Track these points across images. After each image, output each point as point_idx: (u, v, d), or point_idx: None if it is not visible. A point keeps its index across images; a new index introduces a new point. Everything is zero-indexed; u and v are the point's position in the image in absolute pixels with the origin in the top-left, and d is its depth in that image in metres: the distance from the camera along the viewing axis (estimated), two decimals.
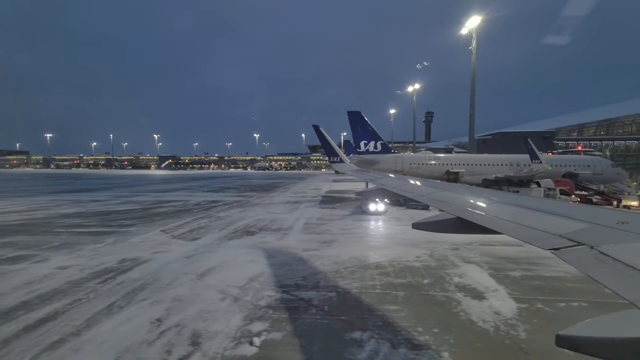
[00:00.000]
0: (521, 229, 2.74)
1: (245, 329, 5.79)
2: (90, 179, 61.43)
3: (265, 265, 9.59)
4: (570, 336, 1.36)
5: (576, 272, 9.21)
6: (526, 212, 3.15)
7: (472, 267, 9.73)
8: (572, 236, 2.31)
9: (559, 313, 6.71)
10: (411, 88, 72.04)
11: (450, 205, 3.93)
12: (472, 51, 39.06)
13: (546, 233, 2.50)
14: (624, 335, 1.28)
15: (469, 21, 37.43)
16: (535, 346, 5.46)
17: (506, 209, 3.39)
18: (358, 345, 5.35)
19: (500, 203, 3.65)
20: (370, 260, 10.20)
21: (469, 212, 3.52)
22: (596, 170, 31.20)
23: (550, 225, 2.62)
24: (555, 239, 2.36)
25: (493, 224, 3.01)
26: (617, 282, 1.64)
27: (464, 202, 3.96)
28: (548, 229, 2.55)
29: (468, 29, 37.94)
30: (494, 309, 6.85)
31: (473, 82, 40.15)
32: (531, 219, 2.87)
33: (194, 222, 16.63)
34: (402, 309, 6.75)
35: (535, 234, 2.54)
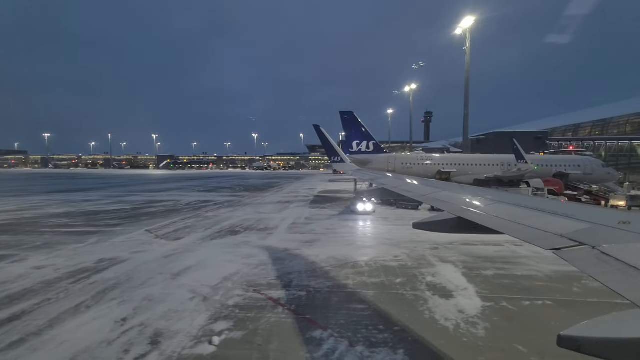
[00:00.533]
0: (522, 228, 2.75)
1: (208, 328, 5.83)
2: (86, 178, 61.28)
3: (242, 264, 9.62)
4: (571, 336, 1.35)
5: (548, 272, 9.31)
6: (527, 212, 3.15)
7: (447, 266, 9.79)
8: (573, 236, 2.31)
9: (521, 311, 6.77)
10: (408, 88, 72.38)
11: (450, 205, 3.92)
12: (466, 51, 39.33)
13: (547, 233, 2.50)
14: (626, 335, 1.27)
15: (462, 21, 37.61)
16: (491, 343, 5.52)
17: (507, 209, 3.38)
18: (316, 344, 5.39)
19: (501, 203, 3.63)
20: (348, 260, 10.25)
21: (470, 212, 3.51)
22: (586, 170, 31.34)
23: (551, 225, 2.63)
24: (557, 239, 2.35)
25: (494, 224, 3.01)
26: (619, 283, 1.64)
27: (464, 202, 3.95)
28: (549, 229, 2.56)
29: (462, 29, 38.13)
30: (459, 307, 6.90)
31: (467, 82, 40.26)
32: (532, 219, 2.87)
33: (181, 222, 16.65)
34: (369, 308, 6.80)
35: (536, 234, 2.54)
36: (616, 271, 1.73)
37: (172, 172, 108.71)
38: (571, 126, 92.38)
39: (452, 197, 4.30)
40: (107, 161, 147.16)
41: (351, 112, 32.71)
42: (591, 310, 6.87)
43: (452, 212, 3.60)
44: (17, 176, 69.50)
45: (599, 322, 1.43)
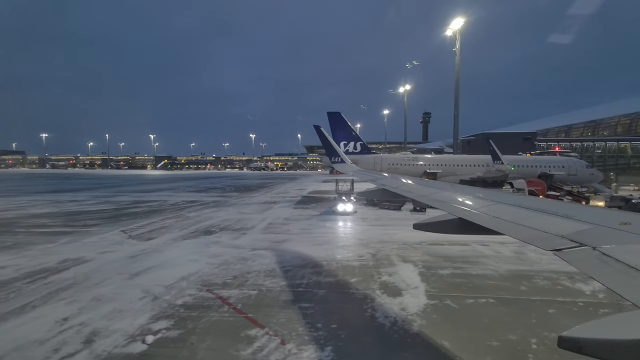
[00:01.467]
0: (522, 229, 2.74)
1: (147, 327, 5.89)
2: (80, 179, 61.11)
3: (205, 264, 9.68)
4: (572, 338, 1.34)
5: (503, 270, 9.42)
6: (527, 213, 3.14)
7: (407, 265, 9.87)
8: (574, 237, 2.30)
9: (461, 309, 6.86)
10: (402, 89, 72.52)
11: (451, 206, 3.90)
12: (456, 53, 39.50)
13: (548, 234, 2.49)
14: (628, 337, 1.26)
15: (452, 23, 37.76)
16: (419, 340, 5.61)
17: (507, 209, 3.37)
18: (248, 342, 5.46)
19: (502, 204, 3.61)
20: (312, 260, 10.32)
21: (470, 212, 3.49)
22: (570, 171, 31.52)
23: (551, 225, 2.62)
24: (557, 239, 2.34)
25: (494, 225, 3.00)
26: (620, 284, 1.64)
27: (465, 203, 3.92)
28: (549, 229, 2.54)
29: (452, 30, 38.28)
30: (402, 305, 6.99)
31: (457, 83, 40.44)
32: (532, 220, 2.86)
33: (160, 222, 16.68)
34: (314, 307, 6.88)
35: (536, 235, 2.53)
36: (617, 272, 1.72)
37: (169, 172, 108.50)
38: (564, 127, 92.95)
39: (453, 197, 4.29)
40: (105, 161, 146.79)
41: (338, 113, 32.83)
42: (530, 307, 6.96)
43: (453, 213, 3.58)
44: (12, 176, 69.25)
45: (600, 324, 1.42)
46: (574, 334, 1.35)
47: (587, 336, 1.33)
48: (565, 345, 1.35)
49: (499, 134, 50.41)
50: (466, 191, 4.81)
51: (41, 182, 50.19)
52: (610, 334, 1.32)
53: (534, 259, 10.67)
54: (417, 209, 22.29)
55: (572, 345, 1.33)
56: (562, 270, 9.47)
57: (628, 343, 1.24)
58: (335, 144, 16.83)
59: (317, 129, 17.38)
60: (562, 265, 9.89)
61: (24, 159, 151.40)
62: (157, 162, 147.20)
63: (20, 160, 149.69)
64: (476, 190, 5.08)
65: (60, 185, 45.26)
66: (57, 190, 35.89)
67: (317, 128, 17.34)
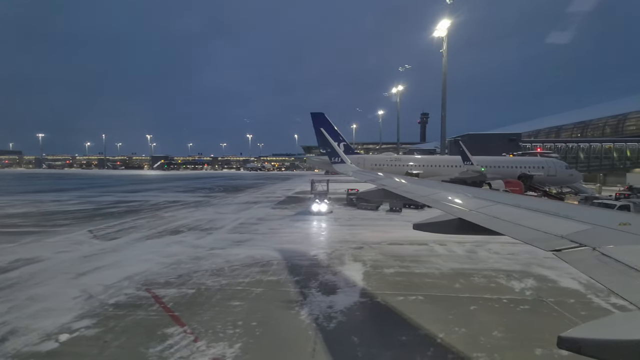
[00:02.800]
0: (522, 229, 2.72)
1: (67, 326, 5.95)
2: (73, 179, 60.85)
3: (156, 264, 9.73)
4: (572, 338, 1.33)
5: (446, 269, 9.52)
6: (527, 213, 3.12)
7: (356, 265, 9.97)
8: (573, 237, 2.28)
9: (387, 307, 6.98)
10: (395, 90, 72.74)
11: (451, 207, 3.88)
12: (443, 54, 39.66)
13: (547, 234, 2.47)
14: (626, 337, 1.25)
15: (439, 24, 37.92)
16: (333, 337, 5.69)
17: (507, 210, 3.35)
18: (161, 340, 5.53)
19: (502, 204, 3.58)
20: (264, 259, 10.39)
21: (470, 212, 3.46)
22: (550, 171, 31.77)
23: (551, 226, 2.60)
24: (557, 240, 2.33)
25: (494, 225, 2.98)
26: (620, 284, 1.62)
27: (465, 203, 3.91)
28: (549, 230, 2.52)
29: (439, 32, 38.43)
30: (332, 303, 7.08)
31: (444, 84, 40.64)
32: (532, 220, 2.84)
33: (132, 222, 16.70)
34: (242, 305, 6.95)
35: (536, 235, 2.51)
36: (617, 273, 1.72)
37: (165, 172, 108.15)
38: (554, 128, 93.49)
39: (453, 198, 4.27)
40: (101, 162, 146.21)
41: (322, 114, 32.90)
42: (455, 304, 7.08)
43: (453, 213, 3.56)
44: (4, 176, 68.80)
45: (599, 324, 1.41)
46: (574, 334, 1.35)
47: (587, 336, 1.32)
48: (564, 346, 1.34)
49: (485, 135, 50.76)
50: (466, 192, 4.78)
51: (31, 182, 49.94)
52: (609, 334, 1.31)
53: (482, 257, 10.81)
54: (394, 209, 22.43)
55: (572, 345, 1.32)
56: (503, 269, 9.62)
57: (627, 343, 1.23)
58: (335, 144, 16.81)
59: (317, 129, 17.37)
60: (506, 264, 10.07)
61: (20, 159, 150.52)
62: (153, 162, 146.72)
63: (17, 160, 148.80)
64: (476, 191, 5.06)
65: (50, 185, 45.06)
66: (44, 190, 35.74)
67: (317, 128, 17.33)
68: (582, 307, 7.03)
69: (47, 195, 30.18)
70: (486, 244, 12.43)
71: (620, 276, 1.68)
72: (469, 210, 3.54)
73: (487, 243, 12.55)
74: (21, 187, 41.35)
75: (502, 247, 12.01)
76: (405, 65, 60.15)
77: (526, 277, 8.89)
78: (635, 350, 1.21)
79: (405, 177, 7.83)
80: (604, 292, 7.91)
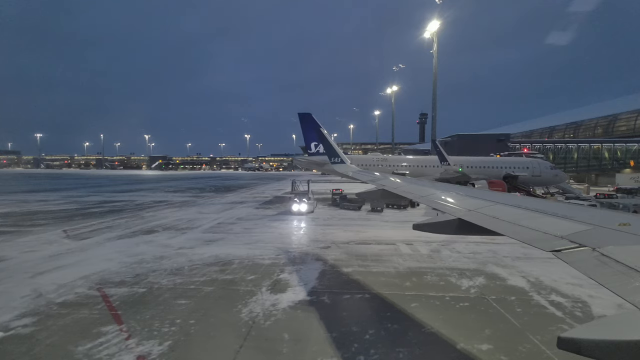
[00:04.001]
0: (522, 230, 2.69)
1: (6, 324, 5.97)
2: (68, 179, 60.80)
3: (117, 263, 9.77)
4: (571, 338, 1.32)
5: (403, 268, 9.60)
6: (527, 214, 3.10)
7: (316, 264, 10.04)
8: (573, 238, 2.27)
9: (331, 304, 7.07)
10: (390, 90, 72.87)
11: (451, 207, 3.87)
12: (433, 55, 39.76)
13: (547, 234, 2.45)
14: (626, 337, 1.25)
15: (429, 25, 38.01)
16: (263, 334, 5.77)
17: (507, 210, 3.34)
18: (94, 338, 5.58)
19: (502, 204, 3.57)
20: (228, 259, 10.44)
21: (470, 213, 3.46)
22: (534, 172, 31.89)
23: (551, 226, 2.58)
24: (557, 240, 2.30)
25: (494, 225, 2.97)
26: (619, 285, 1.62)
27: (465, 203, 3.89)
28: (549, 230, 2.50)
29: (430, 32, 38.52)
30: (277, 301, 7.14)
31: (434, 85, 40.78)
32: (532, 220, 2.82)
33: (110, 222, 16.73)
34: (188, 304, 7.00)
35: (536, 235, 2.50)
36: (617, 273, 1.70)
37: (162, 172, 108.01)
38: (547, 129, 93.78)
39: (453, 198, 4.24)
40: (100, 162, 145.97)
41: (309, 114, 32.83)
42: (398, 301, 7.15)
43: (453, 213, 3.56)
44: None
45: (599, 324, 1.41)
46: (573, 334, 1.34)
47: (586, 337, 1.31)
48: (564, 346, 1.33)
49: (474, 135, 50.96)
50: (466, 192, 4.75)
51: (25, 182, 49.86)
52: (609, 334, 1.30)
53: (443, 257, 10.89)
54: (376, 209, 22.52)
55: (571, 345, 1.31)
56: (459, 268, 9.71)
57: (627, 344, 1.22)
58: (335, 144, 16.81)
59: (317, 129, 17.36)
60: (464, 263, 10.15)
61: (19, 159, 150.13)
62: (151, 162, 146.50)
63: (15, 160, 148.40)
64: (476, 191, 5.01)
65: (43, 185, 44.98)
66: (34, 190, 35.70)
67: (317, 128, 17.32)
68: (520, 304, 7.11)
69: (35, 195, 30.16)
70: (452, 244, 12.53)
71: (620, 277, 1.67)
72: (469, 210, 3.54)
73: (453, 243, 12.65)
74: (13, 187, 41.30)
75: (465, 247, 12.11)
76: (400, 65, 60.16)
77: (477, 276, 8.98)
78: (635, 351, 1.20)
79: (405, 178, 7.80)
80: (547, 289, 8.01)
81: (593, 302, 7.23)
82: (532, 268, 9.65)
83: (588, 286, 8.17)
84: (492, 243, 12.59)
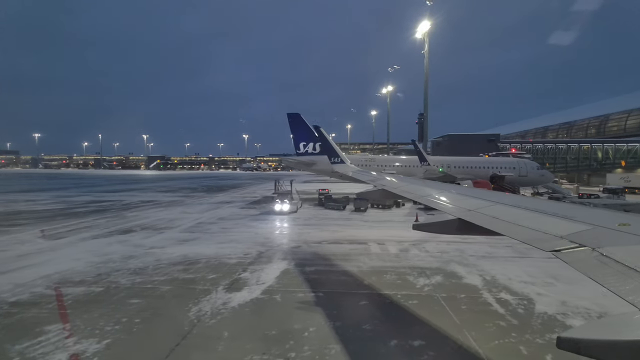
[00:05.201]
0: (522, 230, 2.68)
1: None
2: (63, 178, 60.66)
3: (83, 262, 9.78)
4: (571, 338, 1.32)
5: (366, 267, 9.65)
6: (527, 214, 3.08)
7: (280, 263, 10.06)
8: (573, 238, 2.25)
9: (280, 303, 7.12)
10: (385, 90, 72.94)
11: (451, 207, 3.84)
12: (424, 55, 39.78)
13: (547, 234, 2.44)
14: (626, 337, 1.24)
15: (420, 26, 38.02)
16: (204, 332, 5.80)
17: (507, 210, 3.32)
18: (33, 337, 5.60)
19: (502, 204, 3.54)
20: (195, 258, 10.45)
21: (470, 213, 3.43)
22: (521, 172, 32.00)
23: (551, 226, 2.57)
24: (557, 240, 2.29)
25: (494, 225, 2.95)
26: (619, 285, 1.61)
27: (465, 204, 3.86)
28: (549, 230, 2.49)
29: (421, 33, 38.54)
30: (228, 299, 7.18)
31: (426, 85, 40.72)
32: (532, 220, 2.81)
33: (91, 222, 16.72)
34: (139, 303, 7.03)
35: (536, 235, 2.49)
36: (617, 273, 1.70)
37: (160, 172, 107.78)
38: (541, 129, 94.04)
39: (453, 198, 4.22)
40: (98, 161, 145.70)
41: (298, 114, 32.98)
42: (350, 300, 7.20)
43: (453, 213, 3.55)
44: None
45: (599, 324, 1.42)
46: (573, 334, 1.33)
47: (586, 337, 1.31)
48: (564, 346, 1.33)
49: (465, 136, 51.13)
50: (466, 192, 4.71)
51: (19, 182, 49.73)
52: (609, 334, 1.30)
53: (410, 256, 10.94)
54: (360, 209, 22.56)
55: (571, 345, 1.31)
56: (421, 267, 9.75)
57: (626, 344, 1.22)
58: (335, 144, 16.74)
59: (316, 129, 17.31)
60: (428, 262, 10.20)
61: (17, 159, 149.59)
62: (150, 162, 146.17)
63: (14, 160, 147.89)
64: (476, 191, 4.98)
65: (38, 185, 44.88)
66: (25, 190, 35.62)
67: (317, 128, 17.25)
68: (468, 302, 7.17)
69: (26, 195, 30.10)
70: (423, 243, 12.58)
71: (620, 277, 1.66)
72: (469, 210, 3.52)
73: (425, 242, 12.71)
74: (6, 187, 41.18)
75: (436, 246, 12.16)
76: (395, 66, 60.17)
77: (436, 274, 9.03)
78: (634, 351, 1.19)
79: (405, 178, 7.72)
80: (499, 287, 8.07)
81: (539, 300, 7.30)
82: (492, 267, 9.71)
83: (540, 284, 8.25)
84: (462, 242, 12.66)
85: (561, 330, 5.87)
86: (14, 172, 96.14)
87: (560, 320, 6.38)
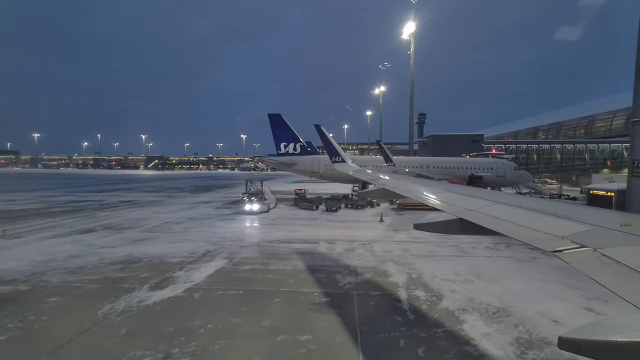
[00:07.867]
0: (523, 230, 2.66)
1: None
2: (59, 178, 60.56)
3: (25, 262, 9.80)
4: (572, 339, 1.30)
5: (302, 267, 9.71)
6: (528, 214, 3.06)
7: (220, 262, 10.11)
8: (574, 238, 2.24)
9: (198, 300, 7.20)
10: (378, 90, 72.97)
11: (452, 207, 3.82)
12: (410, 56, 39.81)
13: (548, 235, 2.42)
14: (626, 338, 1.23)
15: (406, 27, 38.05)
16: (101, 330, 5.86)
17: (509, 210, 3.29)
18: None
19: (503, 204, 3.51)
20: (138, 257, 10.50)
21: (472, 213, 3.40)
22: (499, 172, 32.09)
23: (552, 226, 2.55)
24: (558, 240, 2.27)
25: (495, 225, 2.93)
26: (620, 285, 1.60)
27: (466, 203, 3.82)
28: (550, 230, 2.47)
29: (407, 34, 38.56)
30: (143, 298, 7.25)
31: (412, 86, 40.87)
32: (533, 220, 2.79)
33: (57, 222, 16.74)
34: (57, 301, 7.09)
35: (537, 236, 2.46)
36: (617, 274, 1.68)
37: (157, 172, 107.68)
38: (532, 129, 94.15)
39: (454, 198, 4.18)
40: (97, 161, 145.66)
41: (279, 115, 33.04)
42: (266, 297, 7.27)
43: (454, 213, 3.54)
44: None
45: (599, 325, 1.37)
46: (574, 335, 1.31)
47: (587, 337, 1.29)
48: (564, 346, 1.31)
49: (449, 136, 51.24)
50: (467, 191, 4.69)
51: (10, 182, 49.69)
52: (609, 335, 1.27)
53: (353, 255, 11.00)
54: (331, 209, 22.61)
55: (572, 346, 1.30)
56: (356, 265, 9.82)
57: (627, 344, 1.20)
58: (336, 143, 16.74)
59: (317, 128, 17.28)
60: (365, 261, 10.27)
61: (17, 159, 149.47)
62: (148, 162, 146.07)
63: (13, 160, 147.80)
64: (476, 191, 4.96)
65: (31, 184, 44.78)
66: (11, 190, 35.57)
67: (318, 127, 17.20)
68: (379, 299, 7.27)
69: (8, 195, 30.08)
70: (373, 243, 12.64)
71: (620, 277, 1.65)
72: (469, 210, 3.50)
73: (375, 242, 12.77)
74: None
75: (385, 246, 12.23)
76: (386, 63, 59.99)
77: (367, 273, 9.10)
78: (635, 352, 1.18)
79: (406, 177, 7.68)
80: (418, 285, 8.14)
81: (449, 296, 7.39)
82: (425, 265, 9.78)
83: (460, 282, 8.33)
84: (412, 242, 12.73)
85: (453, 324, 5.94)
86: (12, 172, 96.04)
87: (456, 315, 6.46)
